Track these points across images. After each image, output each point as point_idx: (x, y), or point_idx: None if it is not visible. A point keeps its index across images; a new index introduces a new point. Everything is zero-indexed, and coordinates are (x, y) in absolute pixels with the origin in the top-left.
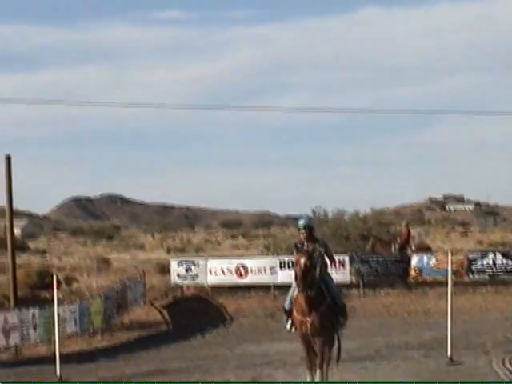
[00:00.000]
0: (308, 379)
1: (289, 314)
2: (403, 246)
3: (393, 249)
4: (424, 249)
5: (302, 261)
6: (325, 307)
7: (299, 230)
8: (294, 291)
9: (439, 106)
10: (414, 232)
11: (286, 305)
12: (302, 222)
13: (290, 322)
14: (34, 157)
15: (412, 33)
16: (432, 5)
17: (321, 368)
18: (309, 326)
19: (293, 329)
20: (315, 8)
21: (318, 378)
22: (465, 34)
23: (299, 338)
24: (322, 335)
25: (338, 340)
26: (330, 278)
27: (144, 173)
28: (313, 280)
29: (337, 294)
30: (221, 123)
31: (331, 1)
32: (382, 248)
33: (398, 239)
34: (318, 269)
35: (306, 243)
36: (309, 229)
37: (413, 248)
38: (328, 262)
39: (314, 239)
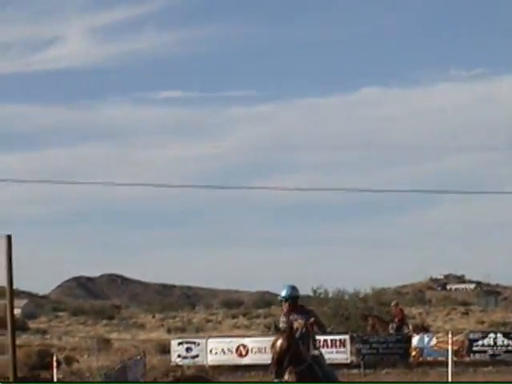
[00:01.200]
0: None
1: None
2: (400, 326)
3: (390, 329)
4: (421, 328)
5: (279, 343)
6: None
7: (281, 302)
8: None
9: (439, 186)
10: (413, 311)
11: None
12: (283, 294)
13: None
14: (34, 236)
15: (411, 112)
16: (431, 85)
17: None
18: None
19: None
20: (315, 87)
21: None
22: (464, 114)
23: None
24: None
25: None
26: (321, 353)
27: (145, 252)
28: (297, 358)
29: (329, 370)
30: (221, 202)
31: (331, 81)
32: (381, 327)
33: (396, 319)
34: (306, 344)
35: (290, 316)
36: (291, 300)
37: (409, 327)
38: (316, 334)
39: (299, 310)
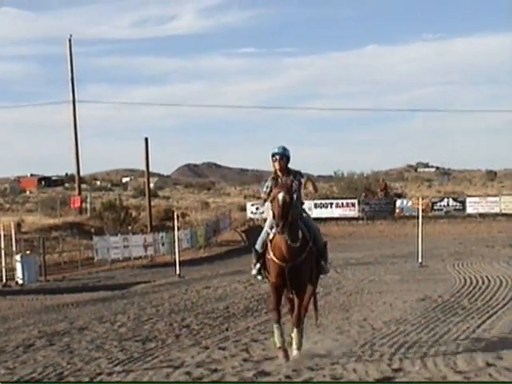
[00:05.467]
0: (276, 334)
1: (259, 257)
2: (386, 193)
3: (379, 195)
4: (398, 194)
5: (281, 196)
6: (306, 253)
7: (273, 160)
8: (269, 233)
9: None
10: (397, 185)
11: (258, 246)
12: (276, 150)
13: (258, 266)
14: (165, 139)
15: None
16: None
17: (297, 325)
18: (287, 272)
19: (259, 277)
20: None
21: (294, 338)
22: None
23: (272, 285)
24: (302, 285)
25: (314, 292)
26: (308, 215)
27: (229, 148)
28: (292, 220)
29: (316, 234)
30: (277, 118)
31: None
32: (371, 196)
33: (381, 189)
34: (295, 205)
35: (281, 175)
36: (285, 158)
37: (390, 194)
38: (310, 190)
39: (289, 171)
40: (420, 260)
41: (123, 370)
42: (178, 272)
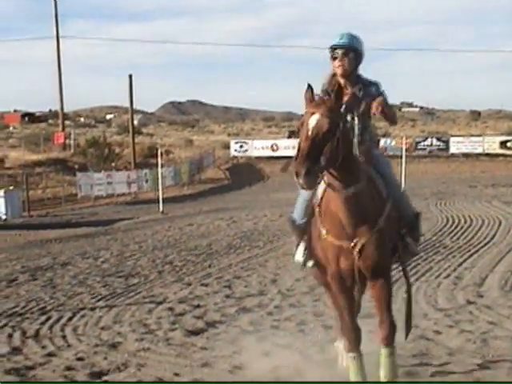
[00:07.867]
0: (354, 367)
1: (302, 232)
2: None
3: None
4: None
5: (313, 120)
6: (384, 220)
7: (332, 57)
8: (316, 192)
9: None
10: (381, 124)
11: (297, 215)
12: (337, 40)
13: (303, 248)
14: (148, 74)
15: None
16: None
17: (389, 342)
18: (356, 256)
19: (310, 262)
20: None
21: (383, 363)
22: None
23: (333, 280)
24: (382, 273)
25: (409, 291)
26: (387, 163)
27: (214, 86)
28: (327, 164)
29: (400, 194)
30: (263, 57)
31: None
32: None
33: None
34: (355, 138)
35: (344, 84)
36: (354, 55)
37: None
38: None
39: (358, 80)
40: None
41: (106, 305)
42: (161, 209)
